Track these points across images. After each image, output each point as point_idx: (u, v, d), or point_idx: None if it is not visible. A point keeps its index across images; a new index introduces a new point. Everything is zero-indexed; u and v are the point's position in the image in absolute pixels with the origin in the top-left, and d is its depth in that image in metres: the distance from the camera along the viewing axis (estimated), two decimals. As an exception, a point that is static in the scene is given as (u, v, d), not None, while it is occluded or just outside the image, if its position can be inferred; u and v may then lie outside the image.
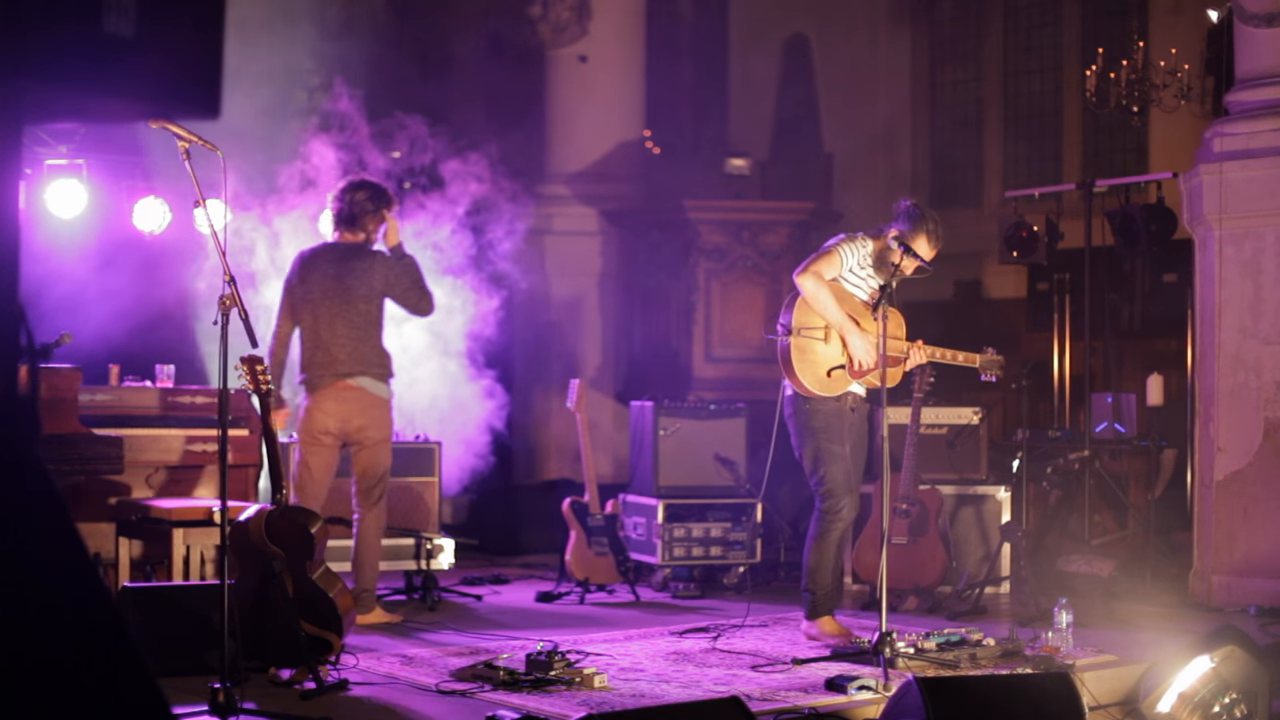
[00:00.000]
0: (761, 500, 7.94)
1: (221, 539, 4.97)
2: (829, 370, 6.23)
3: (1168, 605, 7.58)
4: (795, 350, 6.22)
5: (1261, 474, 7.61)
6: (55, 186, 7.53)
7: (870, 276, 6.35)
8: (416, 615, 7.05)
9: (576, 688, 5.23)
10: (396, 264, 6.74)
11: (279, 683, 5.28)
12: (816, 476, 6.28)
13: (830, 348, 6.23)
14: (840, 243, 6.31)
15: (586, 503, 7.95)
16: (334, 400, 6.65)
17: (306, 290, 6.71)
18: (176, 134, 5.00)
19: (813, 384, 6.23)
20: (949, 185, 13.00)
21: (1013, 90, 12.65)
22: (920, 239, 6.27)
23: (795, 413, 6.33)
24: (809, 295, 6.18)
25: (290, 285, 6.78)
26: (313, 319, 6.69)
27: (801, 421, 6.31)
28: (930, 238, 6.30)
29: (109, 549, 6.72)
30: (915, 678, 4.70)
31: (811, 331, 6.22)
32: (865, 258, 6.30)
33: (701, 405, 8.51)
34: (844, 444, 6.30)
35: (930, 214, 6.36)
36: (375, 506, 6.76)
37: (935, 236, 6.32)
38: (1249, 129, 7.70)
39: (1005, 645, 5.90)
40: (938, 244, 6.35)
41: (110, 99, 1.87)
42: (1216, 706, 5.48)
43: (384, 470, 6.77)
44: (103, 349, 7.57)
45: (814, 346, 6.22)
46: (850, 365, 6.23)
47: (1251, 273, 7.68)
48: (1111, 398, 9.25)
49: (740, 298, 10.63)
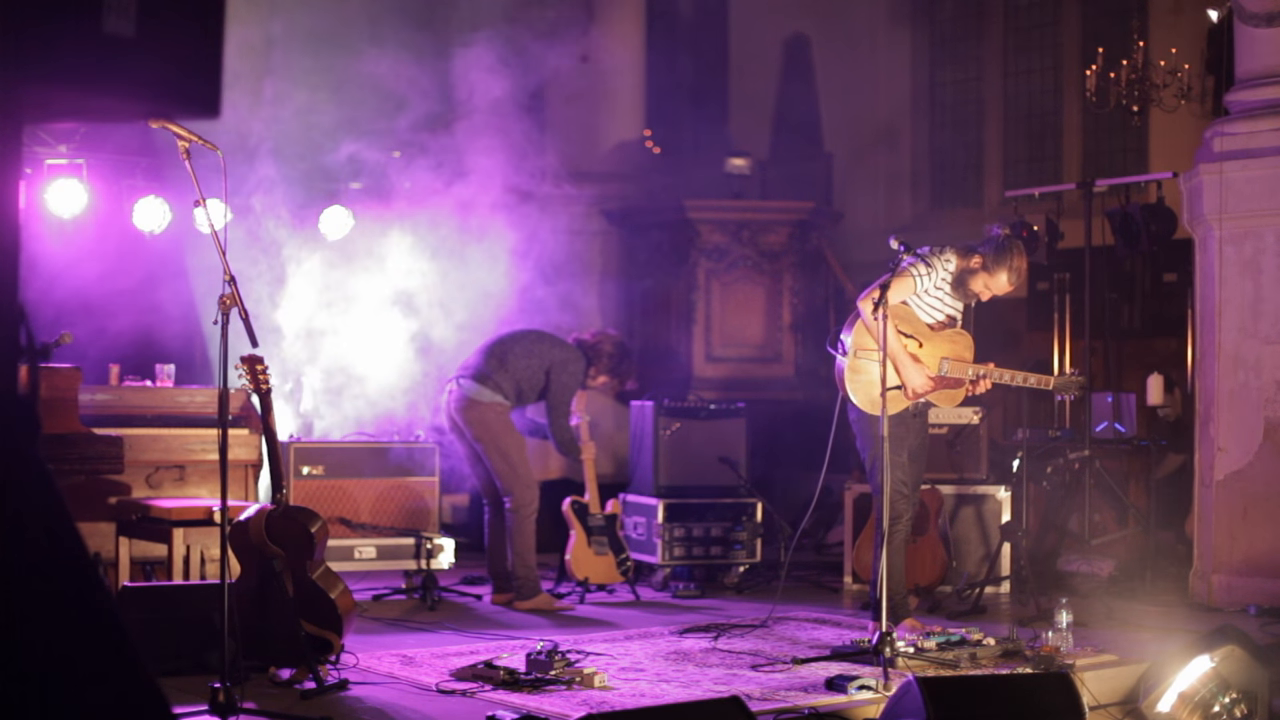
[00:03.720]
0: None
1: (222, 539, 4.97)
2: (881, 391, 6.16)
3: (1168, 605, 7.58)
4: (850, 370, 6.16)
5: (1261, 474, 7.61)
6: (55, 186, 7.53)
7: (946, 298, 6.24)
8: (416, 615, 7.05)
9: (576, 687, 5.23)
10: None
11: (279, 683, 5.28)
12: (875, 482, 6.28)
13: (888, 369, 6.10)
14: (917, 263, 6.14)
15: (586, 502, 7.95)
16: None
17: None
18: (177, 133, 5.00)
19: (864, 404, 6.17)
20: (949, 185, 13.01)
21: (1013, 90, 12.65)
22: (1002, 274, 6.13)
23: (860, 418, 6.31)
24: (867, 321, 6.07)
25: None
26: None
27: (864, 429, 6.28)
28: (1012, 274, 6.15)
29: (109, 549, 6.71)
30: (915, 677, 4.70)
31: (868, 353, 6.13)
32: (944, 279, 6.18)
33: (701, 405, 8.50)
34: (904, 451, 6.27)
35: (1018, 249, 6.17)
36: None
37: (1018, 274, 6.17)
38: (1249, 129, 7.70)
39: (1005, 645, 5.90)
40: (1019, 280, 6.22)
41: (110, 99, 1.87)
42: (1216, 706, 5.48)
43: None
44: (103, 349, 7.58)
45: (869, 368, 6.12)
46: (905, 390, 6.14)
47: (1251, 273, 7.68)
48: (1111, 398, 9.25)
49: (740, 297, 10.64)
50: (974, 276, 6.15)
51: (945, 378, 6.21)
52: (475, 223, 8.54)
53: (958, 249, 6.22)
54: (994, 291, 6.19)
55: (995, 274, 6.13)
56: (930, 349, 6.23)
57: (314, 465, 7.64)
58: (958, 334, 6.29)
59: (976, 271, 6.14)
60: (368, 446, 7.86)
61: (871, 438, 6.25)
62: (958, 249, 6.22)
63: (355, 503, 7.72)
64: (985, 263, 6.12)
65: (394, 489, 7.87)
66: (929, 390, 6.18)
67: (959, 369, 6.23)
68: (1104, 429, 9.09)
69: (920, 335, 6.22)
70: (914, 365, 6.15)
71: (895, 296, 6.04)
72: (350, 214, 8.54)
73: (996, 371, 6.26)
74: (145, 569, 7.12)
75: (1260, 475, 7.61)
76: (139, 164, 8.03)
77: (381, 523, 7.84)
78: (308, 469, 7.62)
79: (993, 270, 6.12)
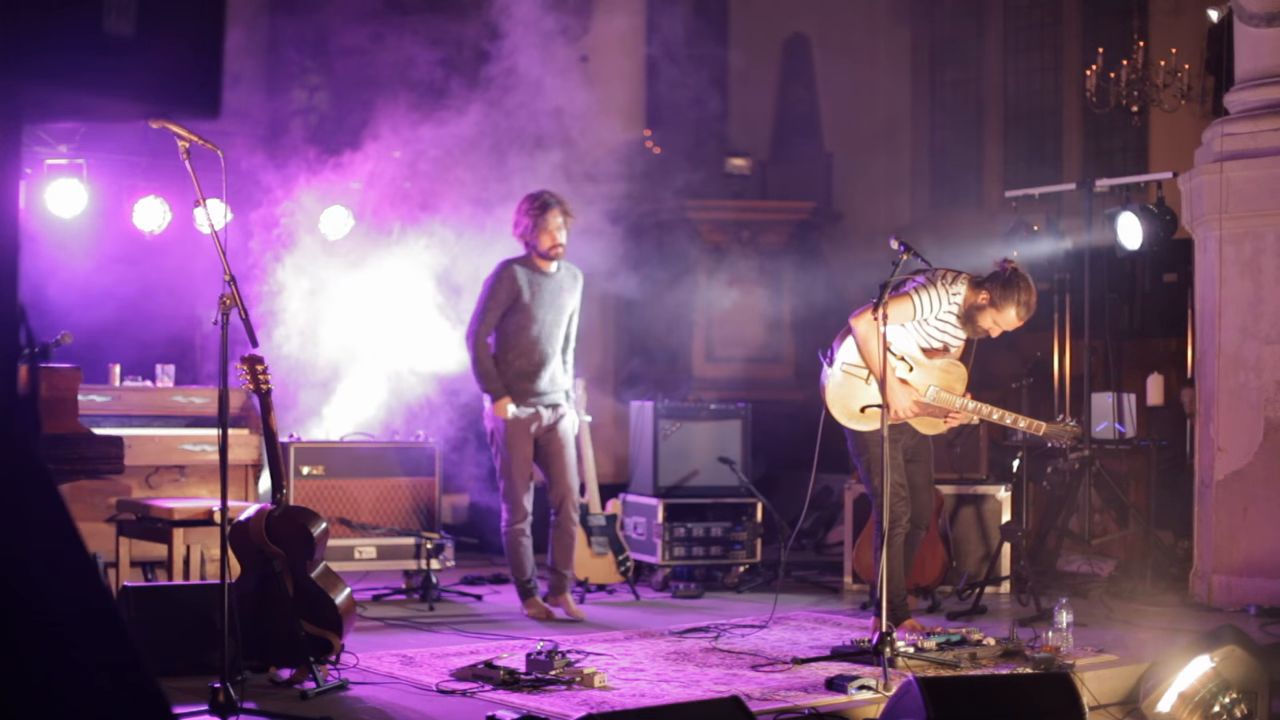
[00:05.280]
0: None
1: (222, 539, 4.98)
2: (862, 408, 6.11)
3: (1168, 605, 7.58)
4: (832, 384, 6.16)
5: (1261, 474, 7.61)
6: (55, 186, 7.53)
7: (950, 327, 6.19)
8: (416, 615, 7.05)
9: (576, 687, 5.23)
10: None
11: (279, 683, 5.28)
12: (870, 486, 6.28)
13: (871, 388, 6.09)
14: (921, 287, 6.08)
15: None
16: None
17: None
18: (177, 134, 5.00)
19: (841, 417, 6.17)
20: (949, 185, 13.01)
21: (1013, 90, 12.65)
22: (1010, 309, 6.08)
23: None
24: (859, 339, 6.06)
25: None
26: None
27: (854, 433, 6.29)
28: (1021, 309, 6.09)
29: (109, 549, 6.72)
30: (915, 677, 4.70)
31: (854, 368, 6.13)
32: (950, 310, 6.13)
33: (701, 405, 8.51)
34: (898, 452, 6.23)
35: (1025, 284, 6.09)
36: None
37: (1027, 308, 6.11)
38: (1249, 129, 7.70)
39: (1005, 645, 5.90)
40: (1029, 315, 6.15)
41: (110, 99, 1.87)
42: (1216, 706, 5.48)
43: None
44: (103, 349, 7.58)
45: (853, 384, 6.13)
46: (887, 409, 6.00)
47: (1251, 273, 7.68)
48: (1112, 398, 9.25)
49: (740, 297, 10.64)
50: (982, 313, 6.12)
51: (931, 405, 6.20)
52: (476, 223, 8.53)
53: (970, 280, 6.14)
54: (1003, 327, 6.15)
55: (1003, 310, 6.08)
56: (921, 374, 6.21)
57: (314, 465, 7.64)
58: (953, 365, 6.24)
59: (984, 308, 6.10)
60: (368, 446, 7.86)
61: (862, 445, 6.26)
62: (970, 280, 6.14)
63: (355, 503, 7.72)
64: (993, 298, 6.08)
65: (394, 489, 7.87)
66: (912, 414, 6.16)
67: (946, 400, 6.19)
68: (1104, 429, 9.09)
69: (913, 359, 6.21)
70: (901, 387, 6.12)
71: (892, 318, 5.94)
72: (350, 214, 8.54)
73: (987, 408, 6.21)
74: (145, 569, 7.12)
75: (1260, 475, 7.61)
76: (139, 164, 8.03)
77: (381, 523, 7.84)
78: (308, 469, 7.62)
79: (1000, 306, 6.08)
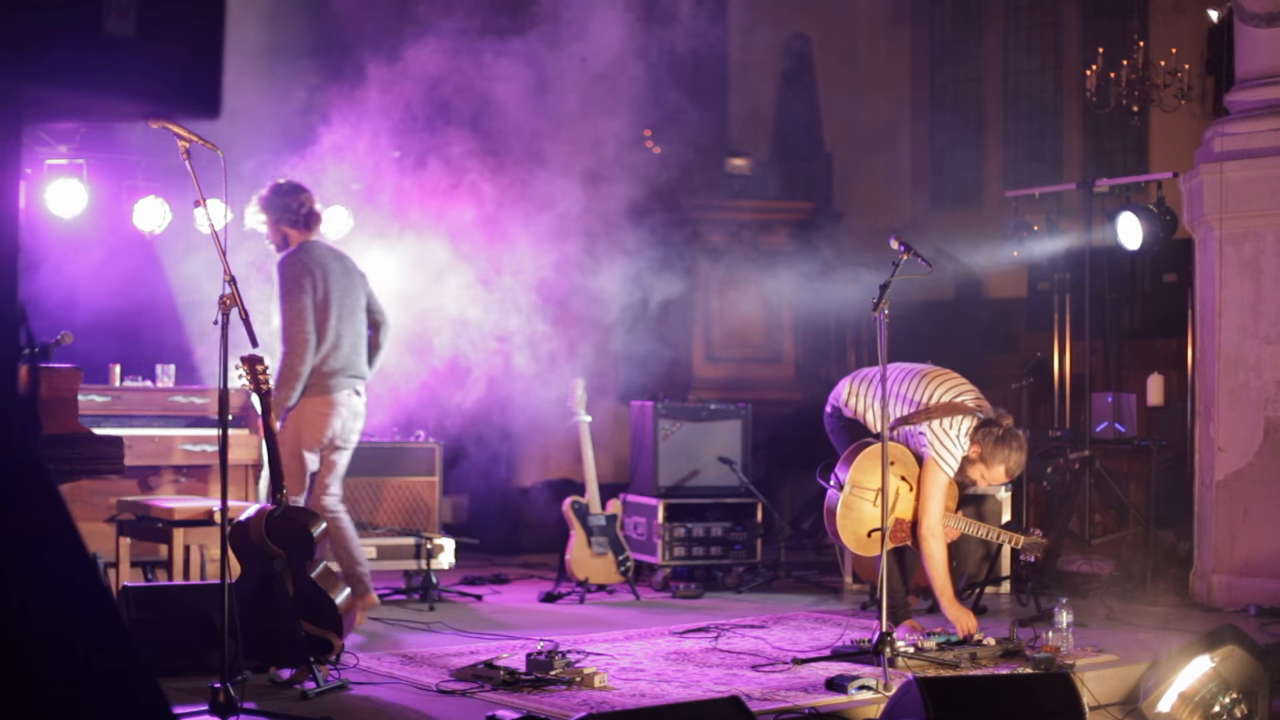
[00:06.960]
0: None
1: (222, 539, 4.98)
2: (869, 531, 6.16)
3: (1168, 605, 7.58)
4: (843, 507, 6.20)
5: (1261, 474, 7.61)
6: (55, 186, 7.53)
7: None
8: (416, 615, 7.05)
9: (576, 688, 5.23)
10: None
11: (279, 683, 5.29)
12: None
13: (877, 509, 6.11)
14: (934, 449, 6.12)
15: (587, 502, 7.95)
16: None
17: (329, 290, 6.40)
18: (177, 134, 5.00)
19: (851, 543, 6.25)
20: (949, 185, 13.01)
21: (1013, 90, 12.65)
22: (999, 467, 6.21)
23: (835, 429, 6.50)
24: (928, 555, 6.18)
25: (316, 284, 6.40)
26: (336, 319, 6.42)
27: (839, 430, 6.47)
28: (1009, 466, 6.22)
29: (109, 549, 6.72)
30: (915, 677, 4.70)
31: (863, 492, 6.19)
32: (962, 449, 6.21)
33: (701, 405, 8.51)
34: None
35: (1018, 445, 6.20)
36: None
37: (1018, 466, 6.25)
38: (1249, 129, 7.70)
39: (1005, 645, 5.90)
40: (1016, 472, 6.31)
41: (110, 99, 1.87)
42: (1216, 706, 5.48)
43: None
44: (103, 349, 7.57)
45: (862, 506, 6.19)
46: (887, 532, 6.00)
47: (1251, 273, 7.68)
48: (1111, 398, 9.25)
49: (740, 298, 10.63)
50: (972, 466, 6.24)
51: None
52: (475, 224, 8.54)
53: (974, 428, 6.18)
54: (989, 481, 6.32)
55: (992, 466, 6.22)
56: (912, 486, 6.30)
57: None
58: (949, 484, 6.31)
59: (974, 461, 6.23)
60: (368, 446, 7.85)
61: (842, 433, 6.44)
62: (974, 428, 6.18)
63: (355, 503, 7.72)
64: (984, 453, 6.19)
65: (394, 489, 7.87)
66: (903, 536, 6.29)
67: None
68: (1104, 429, 9.09)
69: (913, 479, 6.28)
70: (955, 609, 6.21)
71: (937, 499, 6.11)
72: (350, 214, 8.54)
73: (964, 521, 6.37)
74: (145, 569, 7.12)
75: (1260, 475, 7.61)
76: (139, 164, 8.03)
77: (381, 523, 7.84)
78: (308, 469, 7.60)
79: (989, 463, 6.21)
